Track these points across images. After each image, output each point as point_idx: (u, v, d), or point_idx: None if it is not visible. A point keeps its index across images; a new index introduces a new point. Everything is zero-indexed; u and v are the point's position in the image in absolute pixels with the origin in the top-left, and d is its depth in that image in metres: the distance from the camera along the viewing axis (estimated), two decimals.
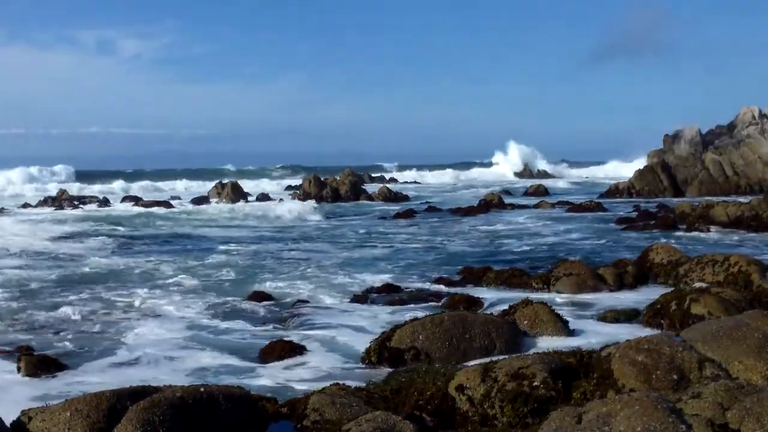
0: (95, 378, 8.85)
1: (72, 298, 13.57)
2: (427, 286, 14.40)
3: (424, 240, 22.39)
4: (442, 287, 14.09)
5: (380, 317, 11.79)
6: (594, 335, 10.12)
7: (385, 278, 15.03)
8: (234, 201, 42.40)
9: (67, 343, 10.43)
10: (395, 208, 35.58)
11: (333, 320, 11.64)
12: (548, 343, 9.37)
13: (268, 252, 19.96)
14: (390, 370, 8.45)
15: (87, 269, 16.75)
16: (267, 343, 9.86)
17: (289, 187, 55.80)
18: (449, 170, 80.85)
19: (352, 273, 16.20)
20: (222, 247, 20.84)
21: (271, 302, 12.98)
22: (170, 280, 15.33)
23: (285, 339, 10.01)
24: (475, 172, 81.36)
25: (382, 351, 8.76)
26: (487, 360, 7.22)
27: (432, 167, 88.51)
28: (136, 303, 13.10)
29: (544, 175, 73.66)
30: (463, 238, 22.80)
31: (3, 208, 37.73)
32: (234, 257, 18.78)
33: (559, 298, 12.48)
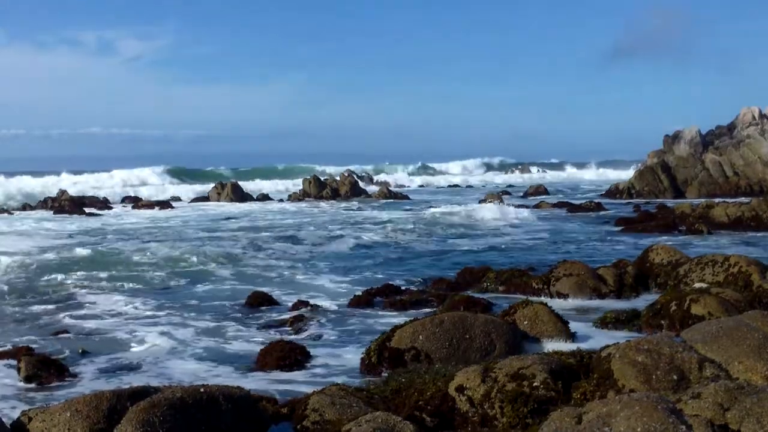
0: (95, 379, 8.86)
1: (69, 299, 13.56)
2: (426, 286, 14.41)
3: (423, 240, 22.39)
4: (441, 288, 14.09)
5: (380, 318, 11.79)
6: (594, 336, 10.13)
7: (384, 279, 15.04)
8: (234, 201, 42.36)
9: (66, 345, 10.42)
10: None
11: (332, 321, 11.65)
12: (548, 343, 9.39)
13: (252, 248, 19.95)
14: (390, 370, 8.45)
15: (86, 269, 16.74)
16: (267, 344, 9.85)
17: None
18: (449, 174, 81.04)
19: (348, 274, 16.20)
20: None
21: (271, 305, 12.96)
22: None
23: (285, 340, 10.00)
24: (480, 173, 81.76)
25: (382, 351, 8.76)
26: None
27: (436, 167, 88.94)
28: (138, 304, 13.10)
29: None
30: (462, 239, 22.80)
31: (2, 209, 37.72)
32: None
33: (559, 299, 12.48)
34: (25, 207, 40.17)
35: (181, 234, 25.00)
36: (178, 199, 46.64)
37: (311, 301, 12.83)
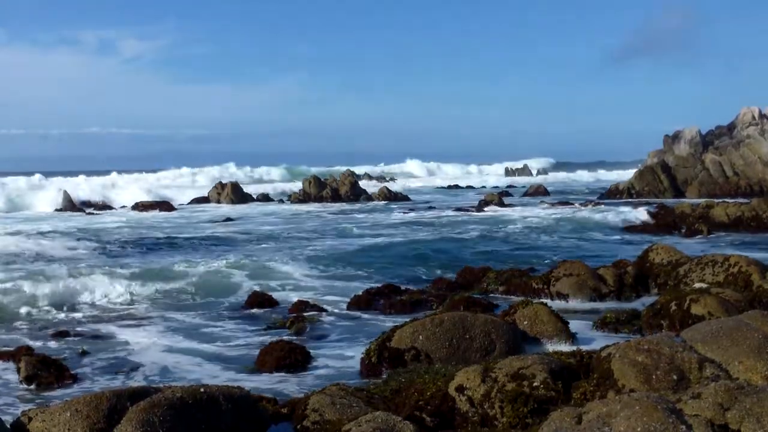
0: (95, 379, 8.86)
1: (69, 299, 13.54)
2: (427, 286, 14.40)
3: (426, 239, 22.38)
4: (442, 288, 14.08)
5: (380, 318, 11.79)
6: (594, 336, 10.14)
7: (385, 279, 15.04)
8: (234, 202, 42.26)
9: (66, 345, 10.42)
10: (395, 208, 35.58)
11: (332, 321, 11.65)
12: (548, 343, 9.39)
13: (251, 250, 19.96)
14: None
15: (84, 269, 16.74)
16: (267, 344, 9.84)
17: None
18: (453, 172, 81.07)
19: (350, 273, 16.19)
20: None
21: (271, 305, 12.94)
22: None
23: (285, 340, 9.99)
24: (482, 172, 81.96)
25: (382, 351, 8.76)
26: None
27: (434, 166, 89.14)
28: (137, 305, 13.09)
29: None
30: (464, 238, 22.77)
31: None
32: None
33: (559, 299, 12.48)
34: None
35: (180, 236, 25.00)
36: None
37: (311, 301, 12.83)
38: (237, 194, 43.60)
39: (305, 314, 11.92)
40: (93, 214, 35.99)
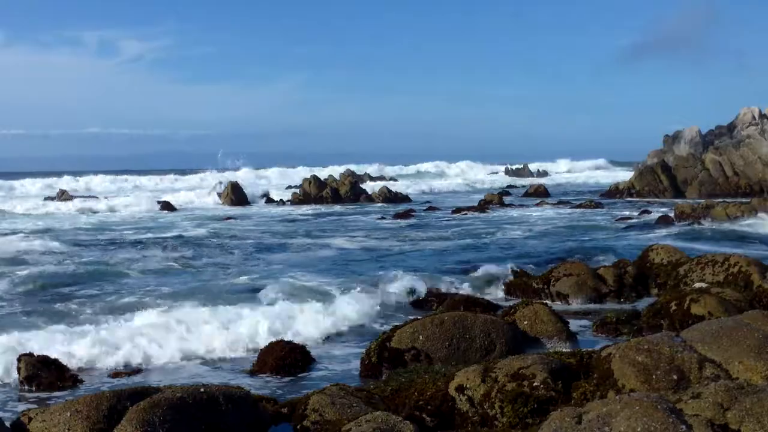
0: (94, 379, 8.86)
1: (67, 298, 13.54)
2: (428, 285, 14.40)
3: (426, 240, 22.39)
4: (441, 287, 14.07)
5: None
6: (594, 336, 10.13)
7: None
8: (234, 202, 42.15)
9: (65, 345, 10.39)
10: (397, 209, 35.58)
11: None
12: (548, 343, 9.39)
13: (258, 251, 19.96)
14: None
15: (84, 268, 16.73)
16: (267, 344, 9.83)
17: (288, 187, 55.37)
18: (459, 176, 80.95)
19: (350, 274, 16.20)
20: None
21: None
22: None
23: (284, 340, 9.98)
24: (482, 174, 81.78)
25: (382, 351, 8.76)
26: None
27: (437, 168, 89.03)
28: (135, 305, 13.08)
29: None
30: (465, 238, 22.79)
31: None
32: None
33: (559, 299, 12.48)
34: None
35: (179, 235, 25.03)
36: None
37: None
38: (237, 194, 43.44)
39: None
40: (94, 213, 35.98)
